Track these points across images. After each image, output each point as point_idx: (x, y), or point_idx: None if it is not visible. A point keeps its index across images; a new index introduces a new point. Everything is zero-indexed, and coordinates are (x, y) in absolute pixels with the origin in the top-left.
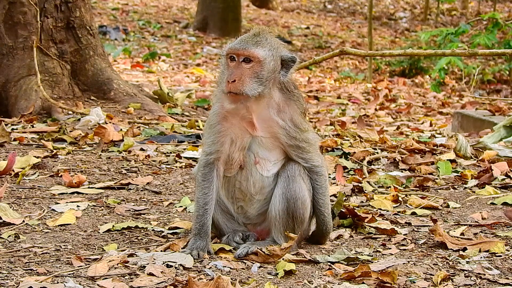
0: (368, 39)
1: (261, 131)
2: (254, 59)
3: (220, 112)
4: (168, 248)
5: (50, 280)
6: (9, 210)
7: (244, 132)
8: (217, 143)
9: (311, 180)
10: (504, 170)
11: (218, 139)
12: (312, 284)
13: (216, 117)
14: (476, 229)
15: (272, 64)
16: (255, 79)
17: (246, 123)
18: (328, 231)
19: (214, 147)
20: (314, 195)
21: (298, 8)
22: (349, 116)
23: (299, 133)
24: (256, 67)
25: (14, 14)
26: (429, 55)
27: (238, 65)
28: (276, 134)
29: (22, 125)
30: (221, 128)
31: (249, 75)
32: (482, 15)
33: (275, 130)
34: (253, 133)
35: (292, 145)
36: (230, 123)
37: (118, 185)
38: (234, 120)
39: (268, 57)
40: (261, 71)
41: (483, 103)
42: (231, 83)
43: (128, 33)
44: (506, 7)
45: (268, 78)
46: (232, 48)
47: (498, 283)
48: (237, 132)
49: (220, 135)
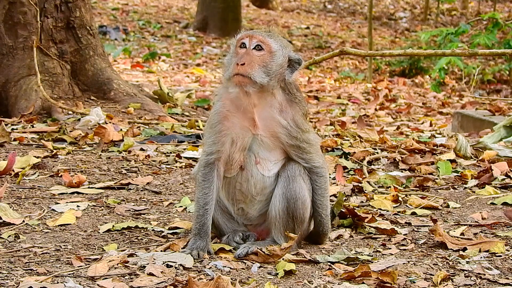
0: (368, 39)
1: (262, 129)
2: (266, 48)
3: (221, 111)
4: (168, 248)
5: (50, 280)
6: (9, 210)
7: (245, 131)
8: (217, 143)
9: (311, 180)
10: (504, 170)
11: (218, 139)
12: (312, 284)
13: (217, 117)
14: (476, 229)
15: (281, 59)
16: (264, 68)
17: (248, 121)
18: (325, 233)
19: (214, 147)
20: (313, 195)
21: (298, 8)
22: (349, 116)
23: (300, 133)
24: (266, 57)
25: (14, 14)
26: (429, 55)
27: (249, 52)
28: (277, 134)
29: (22, 125)
30: (221, 128)
31: (259, 62)
32: (482, 15)
33: (276, 130)
34: (254, 131)
35: (293, 145)
36: (231, 122)
37: (118, 185)
38: (235, 119)
39: (278, 51)
40: (270, 62)
41: (483, 103)
42: (240, 65)
43: (128, 33)
44: (506, 7)
45: (275, 72)
46: (246, 33)
47: (498, 283)
48: (238, 132)
49: (221, 135)
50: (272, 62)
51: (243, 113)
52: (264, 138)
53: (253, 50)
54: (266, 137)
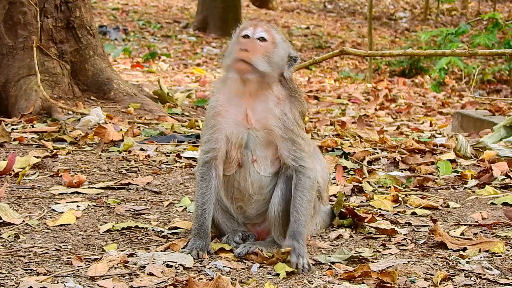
0: (368, 39)
1: (255, 123)
2: (270, 38)
3: (214, 106)
4: (168, 248)
5: (50, 280)
6: (9, 210)
7: (240, 126)
8: (212, 140)
9: (295, 179)
10: (504, 170)
11: (212, 135)
12: (312, 284)
13: (210, 112)
14: (476, 229)
15: (283, 52)
16: (266, 58)
17: (241, 114)
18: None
19: (209, 145)
20: (294, 193)
21: (298, 8)
22: (349, 116)
23: (296, 127)
24: (269, 48)
25: (14, 14)
26: (429, 55)
27: (253, 41)
28: (270, 127)
29: (22, 125)
30: (214, 123)
31: (262, 51)
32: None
33: (270, 122)
34: (247, 125)
35: (286, 138)
36: (224, 117)
37: (118, 185)
38: (228, 114)
39: (281, 43)
40: (272, 53)
41: (483, 103)
42: (243, 50)
43: (128, 33)
44: (506, 7)
45: (277, 64)
46: (250, 23)
47: (498, 283)
48: (231, 127)
49: (213, 130)
50: (275, 53)
51: (237, 106)
52: (257, 132)
53: (257, 40)
54: (260, 131)
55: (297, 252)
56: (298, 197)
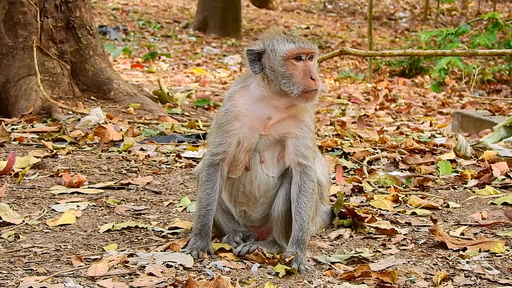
0: (368, 39)
1: (275, 132)
2: (315, 55)
3: (232, 110)
4: (168, 248)
5: (50, 280)
6: (9, 210)
7: (254, 132)
8: (224, 143)
9: (299, 181)
10: (504, 170)
11: (225, 139)
12: (312, 284)
13: (226, 116)
14: (476, 229)
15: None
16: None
17: (259, 122)
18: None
19: (221, 148)
20: (298, 196)
21: (298, 8)
22: (349, 116)
23: (309, 131)
24: (315, 63)
25: (14, 14)
26: (429, 55)
27: (308, 64)
28: (288, 134)
29: (22, 125)
30: (230, 128)
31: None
32: (482, 15)
33: (290, 130)
34: (264, 132)
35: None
36: (241, 122)
37: (118, 185)
38: (245, 119)
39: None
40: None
41: (483, 103)
42: (316, 80)
43: (128, 33)
44: (506, 7)
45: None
46: (302, 48)
47: (498, 283)
48: (246, 133)
49: (228, 135)
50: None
51: (257, 112)
52: (270, 136)
53: (308, 61)
54: (274, 136)
55: (299, 260)
56: (303, 203)
